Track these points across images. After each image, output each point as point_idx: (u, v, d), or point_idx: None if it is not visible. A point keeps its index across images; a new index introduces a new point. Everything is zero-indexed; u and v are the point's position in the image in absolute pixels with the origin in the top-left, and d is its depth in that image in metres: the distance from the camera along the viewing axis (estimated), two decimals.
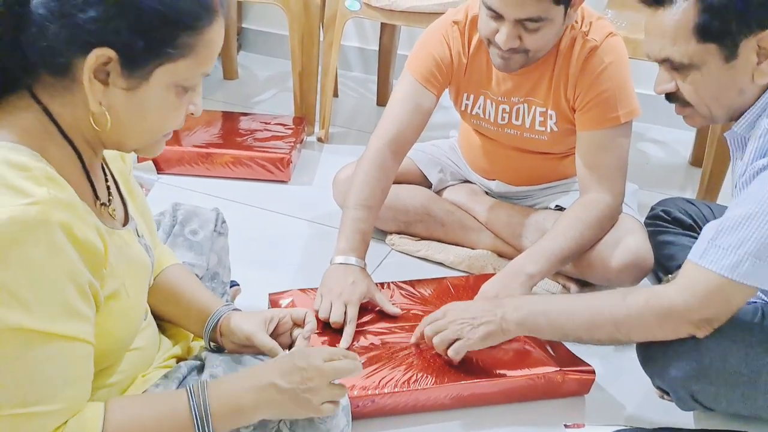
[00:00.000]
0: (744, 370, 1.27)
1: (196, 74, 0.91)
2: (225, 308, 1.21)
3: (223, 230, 1.47)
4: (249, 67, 3.37)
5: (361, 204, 1.63)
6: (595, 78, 1.62)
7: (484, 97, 1.76)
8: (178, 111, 0.93)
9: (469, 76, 1.75)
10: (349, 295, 1.50)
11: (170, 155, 2.27)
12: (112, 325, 0.94)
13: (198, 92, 0.95)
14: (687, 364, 1.29)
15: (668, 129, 2.88)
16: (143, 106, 0.89)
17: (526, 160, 1.84)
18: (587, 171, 1.66)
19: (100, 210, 0.96)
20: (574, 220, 1.63)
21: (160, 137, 0.96)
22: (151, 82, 0.88)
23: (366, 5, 2.38)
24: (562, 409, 1.43)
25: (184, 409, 0.94)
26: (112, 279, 0.92)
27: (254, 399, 0.98)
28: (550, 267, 1.57)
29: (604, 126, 1.64)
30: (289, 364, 1.00)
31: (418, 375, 1.38)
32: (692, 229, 1.75)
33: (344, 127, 2.78)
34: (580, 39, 1.62)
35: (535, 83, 1.69)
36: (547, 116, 1.72)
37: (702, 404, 1.34)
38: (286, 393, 0.98)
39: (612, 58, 1.62)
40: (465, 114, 1.84)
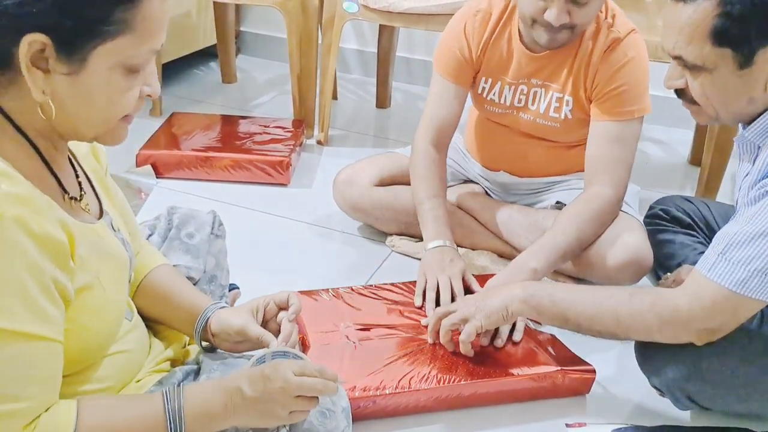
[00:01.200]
0: (741, 372, 1.27)
1: (141, 52, 0.87)
2: (213, 306, 1.19)
3: (220, 233, 1.46)
4: (247, 70, 3.38)
5: (429, 196, 1.75)
6: (616, 71, 1.66)
7: (502, 83, 1.79)
8: (129, 93, 0.89)
9: (488, 61, 1.78)
10: (451, 270, 1.61)
11: (169, 159, 2.28)
12: (88, 319, 0.93)
13: (152, 72, 0.92)
14: (684, 365, 1.29)
15: (667, 128, 2.89)
16: (88, 90, 0.86)
17: (535, 147, 1.85)
18: (594, 161, 1.69)
19: (71, 204, 0.95)
20: (575, 215, 1.64)
21: (117, 123, 0.91)
22: (92, 64, 0.84)
23: (364, 7, 2.38)
24: (564, 409, 1.43)
25: (158, 411, 0.93)
26: (82, 272, 0.90)
27: (223, 404, 0.96)
28: (552, 262, 1.59)
29: (619, 118, 1.67)
30: (258, 372, 0.98)
31: (420, 375, 1.38)
32: (691, 227, 1.75)
33: (343, 130, 2.79)
34: (605, 29, 1.66)
35: (557, 67, 1.72)
36: (563, 102, 1.74)
37: (698, 404, 1.34)
38: (249, 400, 0.96)
39: (634, 54, 1.66)
40: (479, 98, 1.85)
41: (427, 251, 1.69)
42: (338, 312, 1.55)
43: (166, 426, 0.93)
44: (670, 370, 1.30)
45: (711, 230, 1.73)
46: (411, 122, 2.91)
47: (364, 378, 1.35)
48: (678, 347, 1.28)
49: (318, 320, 1.51)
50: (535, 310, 1.36)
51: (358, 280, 1.81)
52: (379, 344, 1.46)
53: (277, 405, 0.97)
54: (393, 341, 1.48)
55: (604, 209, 1.66)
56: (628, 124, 1.68)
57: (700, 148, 2.46)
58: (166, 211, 1.46)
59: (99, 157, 1.12)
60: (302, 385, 0.98)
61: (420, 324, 1.53)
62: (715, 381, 1.28)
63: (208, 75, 3.31)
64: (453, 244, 1.71)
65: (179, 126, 2.49)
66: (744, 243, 1.17)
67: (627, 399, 1.48)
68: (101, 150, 1.13)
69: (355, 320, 1.52)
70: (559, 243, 1.60)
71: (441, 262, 1.64)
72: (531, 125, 1.81)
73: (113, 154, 2.41)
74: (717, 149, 2.21)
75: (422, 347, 1.46)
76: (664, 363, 1.32)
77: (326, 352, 1.42)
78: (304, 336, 1.46)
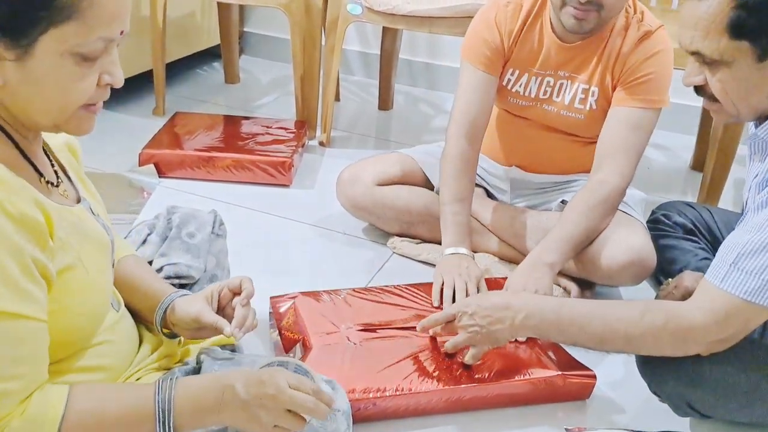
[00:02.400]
0: (742, 381, 1.27)
1: (91, 39, 0.85)
2: (173, 295, 1.18)
3: (221, 232, 1.46)
4: (251, 71, 3.38)
5: (453, 199, 1.77)
6: (646, 59, 1.69)
7: (529, 74, 1.81)
8: (83, 82, 0.87)
9: (518, 53, 1.80)
10: (468, 274, 1.66)
11: (172, 159, 2.28)
12: (71, 300, 0.92)
13: (112, 61, 0.90)
14: (685, 373, 1.29)
15: (670, 133, 2.88)
16: (37, 77, 0.85)
17: (552, 141, 1.86)
18: (608, 143, 1.71)
19: (47, 187, 0.94)
20: (581, 204, 1.67)
21: (76, 111, 0.90)
22: (39, 51, 0.83)
23: (368, 9, 2.38)
24: (564, 413, 1.43)
25: (148, 400, 0.93)
26: (63, 253, 0.90)
27: (215, 398, 0.96)
28: (566, 255, 1.64)
29: (640, 105, 1.70)
30: (255, 376, 0.98)
31: (420, 378, 1.38)
32: (693, 233, 1.75)
33: (346, 131, 2.79)
34: (635, 23, 1.71)
35: (586, 58, 1.74)
36: (589, 93, 1.76)
37: (698, 412, 1.34)
38: (239, 401, 0.96)
39: (663, 47, 1.70)
40: (503, 90, 1.85)
41: (444, 256, 1.73)
42: (339, 313, 1.55)
43: (154, 415, 0.93)
44: (670, 377, 1.30)
45: (714, 236, 1.73)
46: (413, 124, 2.93)
47: (364, 380, 1.35)
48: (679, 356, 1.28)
49: (319, 321, 1.51)
50: (542, 337, 1.39)
51: (360, 282, 1.81)
52: (380, 346, 1.46)
53: (265, 412, 0.96)
54: (394, 343, 1.47)
55: (610, 197, 1.67)
56: (647, 113, 1.70)
57: (702, 154, 2.45)
58: (166, 210, 1.46)
59: (76, 154, 1.12)
60: (294, 398, 0.97)
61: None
62: (716, 389, 1.28)
63: (211, 75, 3.31)
64: (471, 253, 1.74)
65: (182, 126, 2.49)
66: (756, 252, 1.16)
67: (627, 404, 1.48)
68: (77, 147, 1.13)
69: (356, 322, 1.52)
70: (570, 235, 1.63)
71: (458, 267, 1.67)
72: (555, 117, 1.82)
73: (116, 154, 2.43)
74: (719, 155, 2.21)
75: (423, 350, 1.46)
76: (664, 371, 1.31)
77: (327, 353, 1.42)
78: (306, 337, 1.46)
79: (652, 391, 1.39)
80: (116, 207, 2.04)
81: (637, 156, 1.71)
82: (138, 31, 2.75)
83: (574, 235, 1.64)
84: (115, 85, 0.92)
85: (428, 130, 2.87)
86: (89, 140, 1.20)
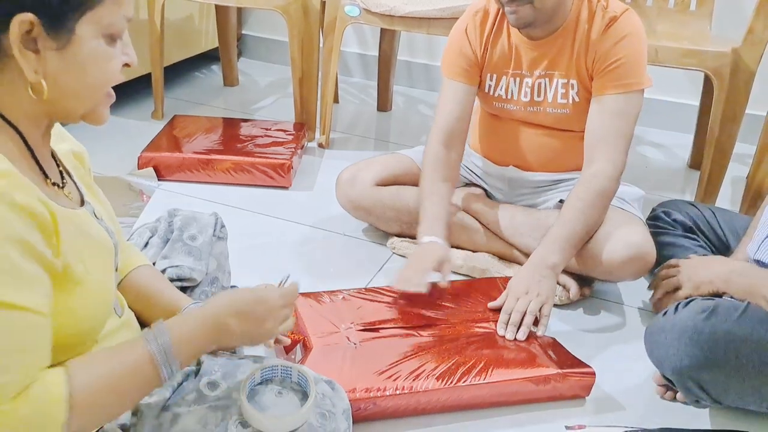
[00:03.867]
0: (756, 361, 1.28)
1: (118, 18, 0.90)
2: (193, 305, 1.20)
3: (222, 234, 1.47)
4: (249, 73, 3.39)
5: (429, 193, 1.79)
6: (614, 45, 1.69)
7: (506, 76, 1.83)
8: (114, 61, 0.92)
9: (492, 57, 1.82)
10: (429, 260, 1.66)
11: (171, 162, 2.28)
12: (74, 302, 0.92)
13: (127, 42, 0.94)
14: (699, 351, 1.29)
15: (667, 132, 2.90)
16: (79, 62, 0.88)
17: (545, 139, 1.87)
18: (595, 134, 1.72)
19: (53, 189, 0.95)
20: (577, 201, 1.67)
21: (102, 97, 0.94)
22: (79, 35, 0.86)
23: (365, 11, 2.39)
24: (564, 411, 1.44)
25: (146, 354, 0.94)
26: (67, 253, 0.90)
27: (212, 339, 1.01)
28: (567, 253, 1.65)
29: (618, 90, 1.70)
30: (244, 307, 1.04)
31: (420, 378, 1.38)
32: (692, 231, 1.75)
33: (345, 133, 2.79)
34: (600, 11, 1.71)
35: (557, 54, 1.75)
36: (569, 87, 1.77)
37: (710, 396, 1.34)
38: (237, 334, 1.02)
39: (631, 29, 1.70)
40: (488, 97, 1.88)
41: (419, 245, 1.73)
42: (339, 314, 1.56)
43: (158, 363, 0.94)
44: (684, 357, 1.31)
45: (716, 235, 1.74)
46: (412, 125, 2.94)
47: (364, 380, 1.36)
48: (693, 334, 1.29)
49: (319, 322, 1.51)
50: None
51: (359, 282, 1.82)
52: (380, 346, 1.47)
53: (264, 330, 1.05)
54: (394, 343, 1.48)
55: (604, 189, 1.68)
56: (629, 97, 1.70)
57: (700, 152, 2.46)
58: (167, 213, 1.46)
59: (83, 161, 1.13)
60: (281, 298, 1.07)
61: (420, 326, 1.54)
62: (730, 369, 1.28)
63: (209, 78, 3.32)
64: (445, 242, 1.73)
65: (181, 129, 2.50)
66: None
67: (627, 402, 1.48)
68: (84, 155, 1.14)
69: (356, 322, 1.53)
70: (570, 234, 1.64)
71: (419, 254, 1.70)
72: (541, 116, 1.83)
73: (116, 157, 2.44)
74: (717, 153, 2.22)
75: (423, 349, 1.46)
76: (676, 350, 1.32)
77: (327, 353, 1.43)
78: (306, 338, 1.47)
79: (662, 375, 1.39)
80: (116, 210, 2.03)
81: (626, 142, 1.72)
82: (136, 34, 2.75)
83: (574, 233, 1.65)
84: (132, 64, 0.95)
85: (427, 131, 2.84)
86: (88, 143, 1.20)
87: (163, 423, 1.03)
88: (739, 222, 1.74)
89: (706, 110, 2.45)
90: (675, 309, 1.38)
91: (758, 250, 1.46)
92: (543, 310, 1.56)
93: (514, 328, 1.52)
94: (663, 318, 1.39)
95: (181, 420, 1.03)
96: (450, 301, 1.64)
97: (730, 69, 2.12)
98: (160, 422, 1.03)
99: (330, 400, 1.13)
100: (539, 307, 1.55)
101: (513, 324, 1.53)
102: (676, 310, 1.38)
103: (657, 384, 1.48)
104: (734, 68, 2.12)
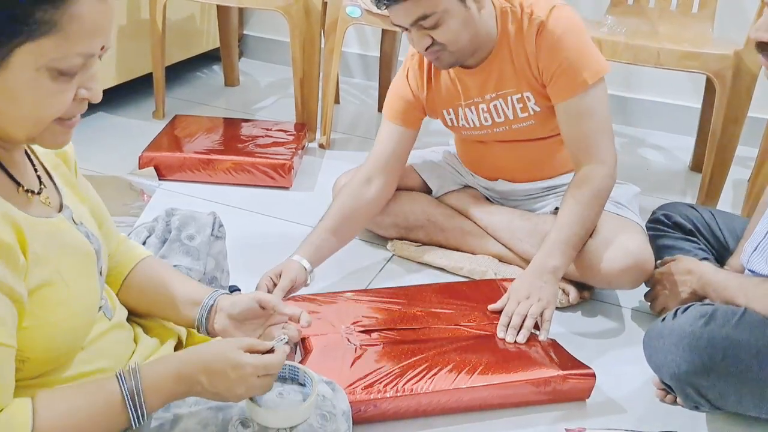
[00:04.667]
0: (755, 367, 1.27)
1: (69, 54, 0.82)
2: (215, 293, 1.19)
3: (220, 234, 1.46)
4: (250, 73, 3.39)
5: (325, 228, 1.73)
6: (551, 50, 1.65)
7: (461, 108, 1.81)
8: (60, 96, 0.85)
9: (438, 96, 1.81)
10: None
11: (171, 161, 2.28)
12: (51, 314, 0.91)
13: (91, 76, 0.87)
14: (698, 357, 1.29)
15: (668, 134, 2.89)
16: (12, 91, 0.82)
17: (523, 150, 1.86)
18: (573, 142, 1.70)
19: (27, 196, 0.93)
20: (573, 203, 1.66)
21: (50, 125, 0.87)
22: (13, 64, 0.80)
23: (367, 12, 2.39)
24: (564, 413, 1.44)
25: (115, 394, 0.92)
26: (38, 268, 0.88)
27: (184, 392, 0.98)
28: (568, 256, 1.63)
29: (575, 93, 1.66)
30: (216, 367, 0.97)
31: (420, 379, 1.38)
32: (692, 234, 1.75)
33: (346, 134, 2.79)
34: (526, 19, 1.66)
35: (500, 74, 1.72)
36: (525, 100, 1.74)
37: (709, 401, 1.34)
38: (210, 393, 0.98)
39: (562, 27, 1.65)
40: (455, 128, 1.88)
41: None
42: (339, 315, 1.55)
43: (126, 406, 0.92)
44: (683, 362, 1.30)
45: (716, 238, 1.74)
46: None
47: (364, 381, 1.36)
48: (692, 340, 1.29)
49: (319, 324, 1.51)
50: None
51: (360, 284, 1.81)
52: (381, 348, 1.47)
53: (237, 393, 0.98)
54: (394, 345, 1.48)
55: (599, 188, 1.66)
56: (587, 94, 1.66)
57: (701, 155, 2.46)
58: (165, 213, 1.45)
59: (66, 158, 1.10)
60: (257, 368, 0.98)
61: (420, 328, 1.54)
62: (729, 375, 1.28)
63: (211, 78, 3.32)
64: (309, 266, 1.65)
65: (182, 128, 2.50)
66: None
67: (627, 404, 1.48)
68: (68, 152, 1.10)
69: (356, 323, 1.53)
70: (569, 236, 1.63)
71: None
72: (510, 133, 1.81)
73: (116, 156, 2.43)
74: (718, 156, 2.21)
75: (423, 351, 1.46)
76: (675, 356, 1.31)
77: (327, 354, 1.42)
78: (306, 339, 1.46)
79: (661, 380, 1.39)
80: (116, 210, 2.04)
81: (607, 135, 1.68)
82: (138, 34, 2.76)
83: (573, 235, 1.64)
84: (92, 101, 0.89)
85: (427, 133, 2.85)
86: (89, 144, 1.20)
87: (164, 424, 1.03)
88: (739, 224, 1.74)
89: (707, 113, 2.45)
90: (674, 315, 1.38)
91: (749, 260, 1.46)
92: (545, 314, 1.55)
93: (515, 331, 1.52)
94: (661, 324, 1.39)
95: (181, 421, 1.03)
96: (450, 303, 1.63)
97: (732, 71, 2.12)
98: (161, 423, 1.03)
99: (330, 401, 1.13)
100: (540, 312, 1.54)
101: (513, 327, 1.52)
102: (675, 315, 1.38)
103: (657, 387, 1.48)
104: (736, 71, 2.12)
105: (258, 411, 1.03)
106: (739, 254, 1.61)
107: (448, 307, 1.62)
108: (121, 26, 2.70)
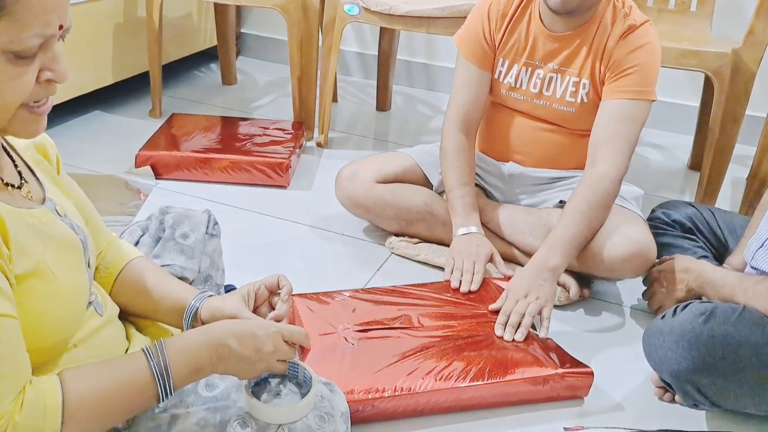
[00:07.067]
0: (754, 364, 1.27)
1: (24, 36, 0.80)
2: (202, 295, 1.19)
3: (215, 232, 1.45)
4: (248, 72, 3.38)
5: (459, 184, 1.85)
6: (630, 52, 1.71)
7: (519, 64, 1.83)
8: (21, 79, 0.82)
9: (507, 42, 1.83)
10: (476, 255, 1.75)
11: (168, 160, 2.27)
12: (39, 304, 0.90)
13: (53, 56, 0.85)
14: (698, 355, 1.29)
15: (667, 133, 2.89)
16: None
17: (548, 133, 1.87)
18: (601, 135, 1.72)
19: (9, 191, 0.93)
20: (581, 203, 1.67)
21: (18, 112, 0.85)
22: None
23: (365, 10, 2.38)
24: (562, 412, 1.43)
25: (144, 369, 0.93)
26: (23, 258, 0.88)
27: (210, 359, 0.98)
28: (569, 255, 1.65)
29: (627, 96, 1.71)
30: (245, 328, 1.02)
31: (419, 378, 1.37)
32: (691, 232, 1.75)
33: (344, 132, 2.79)
34: (622, 17, 1.73)
35: (573, 51, 1.77)
36: (579, 86, 1.78)
37: (708, 399, 1.34)
38: (237, 356, 1.00)
39: (648, 40, 1.72)
40: (496, 83, 1.88)
41: (456, 237, 1.81)
42: (337, 314, 1.55)
43: (154, 381, 0.93)
44: (682, 360, 1.30)
45: (715, 237, 1.74)
46: (411, 125, 2.94)
47: (363, 381, 1.35)
48: (691, 338, 1.28)
49: (317, 322, 1.51)
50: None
51: (358, 283, 1.81)
52: (378, 347, 1.46)
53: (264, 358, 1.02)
54: (392, 344, 1.47)
55: (608, 191, 1.68)
56: (638, 105, 1.71)
57: (700, 153, 2.46)
58: (158, 211, 1.44)
59: (46, 153, 1.09)
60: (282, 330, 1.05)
61: (418, 327, 1.53)
62: (729, 372, 1.28)
63: (208, 76, 3.31)
64: (480, 230, 1.82)
65: (179, 127, 2.49)
66: None
67: (625, 402, 1.48)
68: (48, 147, 1.09)
69: (354, 322, 1.52)
70: (573, 236, 1.64)
71: (468, 248, 1.76)
72: (547, 111, 1.83)
73: (113, 155, 2.43)
74: (717, 154, 2.21)
75: (421, 350, 1.45)
76: (674, 354, 1.31)
77: (325, 354, 1.42)
78: None
79: (661, 378, 1.39)
80: (113, 209, 2.04)
81: (630, 147, 1.72)
82: (134, 32, 2.75)
83: (577, 236, 1.64)
84: (58, 81, 0.87)
85: (426, 131, 2.87)
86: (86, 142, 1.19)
87: (161, 425, 1.02)
88: (738, 222, 1.74)
89: (706, 111, 2.45)
90: (673, 312, 1.38)
91: (754, 257, 1.46)
92: (543, 312, 1.55)
93: (513, 329, 1.52)
94: (661, 321, 1.39)
95: (179, 421, 1.02)
96: (448, 302, 1.63)
97: (731, 70, 2.12)
98: (158, 424, 1.02)
99: (329, 402, 1.12)
100: (539, 310, 1.54)
101: (511, 325, 1.52)
102: (674, 313, 1.37)
103: (655, 385, 1.48)
104: (735, 69, 2.12)
105: (258, 406, 1.03)
106: (738, 252, 1.61)
107: (446, 305, 1.62)
108: (117, 24, 2.69)
